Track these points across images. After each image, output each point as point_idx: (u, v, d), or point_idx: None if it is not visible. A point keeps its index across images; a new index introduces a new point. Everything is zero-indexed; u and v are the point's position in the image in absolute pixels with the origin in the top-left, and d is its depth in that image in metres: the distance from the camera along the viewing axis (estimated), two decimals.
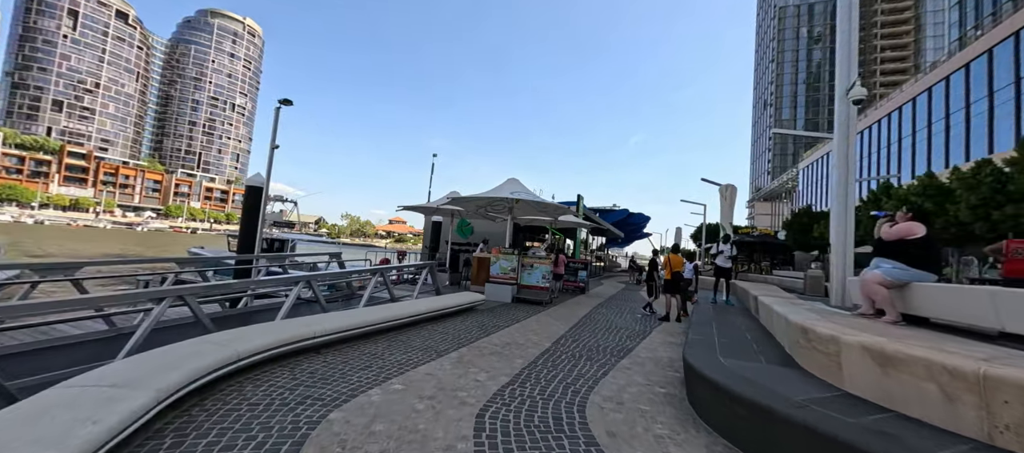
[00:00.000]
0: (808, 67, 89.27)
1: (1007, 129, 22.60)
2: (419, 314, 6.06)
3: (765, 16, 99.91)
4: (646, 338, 6.40)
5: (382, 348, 4.65)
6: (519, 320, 7.23)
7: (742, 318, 6.83)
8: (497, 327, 6.40)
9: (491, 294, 9.48)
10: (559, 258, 11.49)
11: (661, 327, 7.49)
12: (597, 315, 8.44)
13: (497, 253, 9.87)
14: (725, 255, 9.03)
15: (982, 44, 25.66)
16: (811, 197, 49.25)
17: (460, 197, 9.38)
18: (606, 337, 6.26)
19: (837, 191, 5.83)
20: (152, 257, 9.72)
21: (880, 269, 3.99)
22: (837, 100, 5.89)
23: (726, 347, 4.27)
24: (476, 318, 7.04)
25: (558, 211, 10.15)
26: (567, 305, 9.65)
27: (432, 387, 3.51)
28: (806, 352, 3.40)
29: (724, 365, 3.52)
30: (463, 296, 7.72)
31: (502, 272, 9.77)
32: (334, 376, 3.60)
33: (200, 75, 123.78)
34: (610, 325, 7.39)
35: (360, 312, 5.24)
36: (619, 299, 12.08)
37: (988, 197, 11.45)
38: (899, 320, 3.87)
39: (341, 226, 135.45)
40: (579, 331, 6.58)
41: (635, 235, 33.79)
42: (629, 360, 4.95)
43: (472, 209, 11.47)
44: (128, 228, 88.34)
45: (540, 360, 4.65)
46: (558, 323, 7.20)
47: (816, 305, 5.59)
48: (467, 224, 18.83)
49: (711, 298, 9.12)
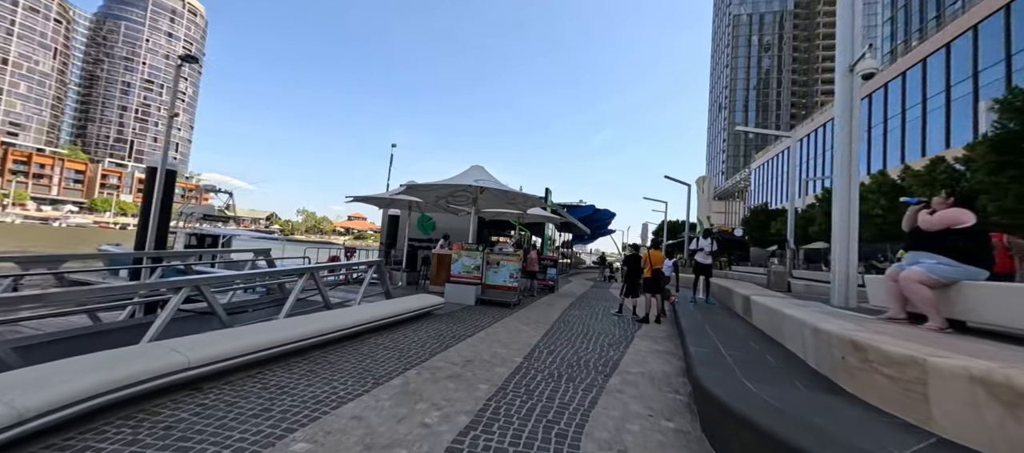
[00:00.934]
0: (759, 73, 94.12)
1: (938, 131, 24.26)
2: (360, 324, 4.88)
3: (721, 23, 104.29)
4: (629, 346, 5.56)
5: (299, 376, 3.46)
6: (484, 326, 6.19)
7: (732, 320, 6.16)
8: (458, 337, 5.33)
9: (452, 296, 8.37)
10: (531, 255, 10.55)
11: (642, 331, 6.71)
12: (571, 318, 7.56)
13: (459, 249, 8.77)
14: (705, 251, 8.43)
15: (914, 56, 27.50)
16: (762, 196, 51.61)
17: (417, 185, 8.20)
18: (585, 345, 5.36)
19: (839, 177, 5.24)
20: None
21: (922, 266, 3.30)
22: (838, 78, 5.30)
23: (742, 364, 3.45)
24: (433, 326, 5.93)
25: (527, 202, 9.20)
26: (537, 306, 8.72)
27: (356, 445, 2.40)
28: (861, 376, 2.60)
29: (756, 393, 2.66)
30: (418, 299, 6.58)
31: (465, 271, 8.69)
32: (204, 433, 2.40)
33: (132, 55, 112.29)
34: (587, 329, 6.51)
35: (275, 327, 4.00)
36: (591, 298, 11.34)
37: None
38: (946, 327, 3.20)
39: (295, 222, 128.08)
40: (554, 339, 5.64)
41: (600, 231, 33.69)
42: (618, 378, 4.04)
43: (431, 201, 10.27)
44: (43, 223, 78.57)
45: (511, 384, 3.64)
46: (529, 329, 6.23)
47: (822, 307, 4.95)
48: (428, 218, 17.50)
49: (690, 297, 8.51)
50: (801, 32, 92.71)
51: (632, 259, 7.98)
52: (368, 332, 5.13)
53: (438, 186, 8.22)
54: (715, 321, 5.97)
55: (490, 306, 8.21)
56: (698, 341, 4.33)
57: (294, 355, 3.96)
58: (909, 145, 26.80)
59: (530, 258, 10.38)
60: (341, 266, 7.82)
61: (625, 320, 7.64)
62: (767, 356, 3.76)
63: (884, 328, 3.16)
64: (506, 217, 13.38)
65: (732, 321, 6.04)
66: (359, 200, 11.01)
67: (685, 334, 4.85)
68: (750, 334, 4.95)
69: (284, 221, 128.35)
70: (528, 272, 10.38)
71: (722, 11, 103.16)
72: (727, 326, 5.52)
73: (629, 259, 8.03)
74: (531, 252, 10.55)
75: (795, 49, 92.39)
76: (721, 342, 4.31)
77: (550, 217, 14.26)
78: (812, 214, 21.52)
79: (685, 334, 4.85)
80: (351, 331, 4.73)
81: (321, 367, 3.73)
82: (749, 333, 4.99)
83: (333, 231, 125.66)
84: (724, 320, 6.14)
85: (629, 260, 8.01)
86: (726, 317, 6.53)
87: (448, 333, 5.54)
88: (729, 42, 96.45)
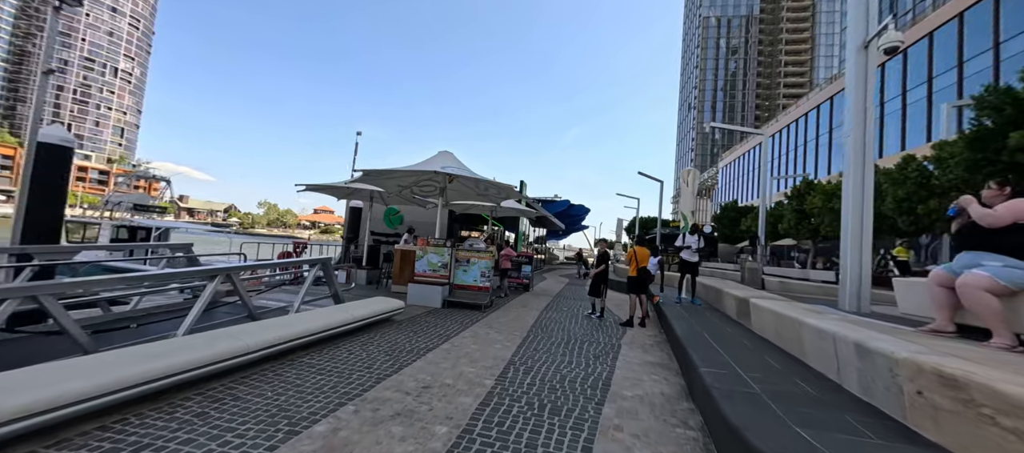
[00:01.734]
0: (726, 75, 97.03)
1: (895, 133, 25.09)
2: (290, 340, 3.88)
3: (691, 24, 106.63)
4: (618, 358, 4.83)
5: (179, 424, 2.47)
6: (449, 336, 5.31)
7: (728, 326, 5.56)
8: (416, 352, 4.42)
9: (416, 297, 7.42)
10: (505, 251, 9.71)
11: (627, 337, 6.02)
12: (548, 322, 6.78)
13: (424, 245, 7.81)
14: (692, 248, 7.84)
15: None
16: (730, 194, 52.99)
17: (375, 171, 7.13)
18: (568, 359, 4.58)
19: (851, 167, 4.68)
20: None
21: (986, 269, 2.69)
22: (851, 53, 4.73)
23: (774, 394, 2.74)
24: (388, 336, 4.98)
25: (501, 193, 8.33)
26: (511, 308, 7.90)
27: None
28: (958, 424, 1.91)
29: (815, 447, 1.93)
30: (373, 304, 5.60)
31: (431, 269, 7.74)
32: None
33: (69, 30, 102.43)
34: (568, 336, 5.75)
35: (159, 351, 2.95)
36: (568, 297, 10.64)
37: (913, 192, 11.85)
38: (1017, 345, 2.60)
39: (256, 215, 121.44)
40: (531, 351, 4.83)
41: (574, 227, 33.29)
42: (612, 406, 3.27)
43: (394, 191, 9.21)
44: None
45: (479, 423, 2.78)
46: (502, 338, 5.39)
47: (836, 313, 4.37)
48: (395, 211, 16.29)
49: (676, 298, 7.92)
50: (766, 37, 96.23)
51: (603, 256, 7.23)
52: (304, 348, 4.14)
53: (399, 173, 7.20)
54: (711, 327, 5.33)
55: (459, 309, 7.32)
56: (705, 358, 3.62)
57: (189, 387, 2.94)
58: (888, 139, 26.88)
59: (504, 254, 9.54)
60: (273, 265, 6.64)
61: (607, 324, 6.95)
62: (795, 379, 3.08)
63: (953, 347, 2.53)
64: (478, 210, 12.48)
65: (729, 327, 5.43)
66: (313, 189, 9.79)
67: (685, 346, 4.14)
68: (757, 345, 4.31)
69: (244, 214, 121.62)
70: (502, 271, 9.54)
71: (693, 12, 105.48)
72: (726, 334, 4.88)
73: (601, 256, 7.27)
74: (505, 248, 9.70)
75: (760, 53, 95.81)
76: (733, 358, 3.63)
77: (525, 210, 13.46)
78: (780, 211, 21.78)
79: (685, 346, 4.14)
80: (278, 349, 3.73)
81: (220, 406, 2.74)
82: (756, 344, 4.35)
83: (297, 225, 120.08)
84: (719, 326, 5.52)
85: (601, 257, 7.25)
86: (720, 322, 5.93)
87: (405, 346, 4.61)
88: (698, 43, 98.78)
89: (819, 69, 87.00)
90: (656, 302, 7.72)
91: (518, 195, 8.38)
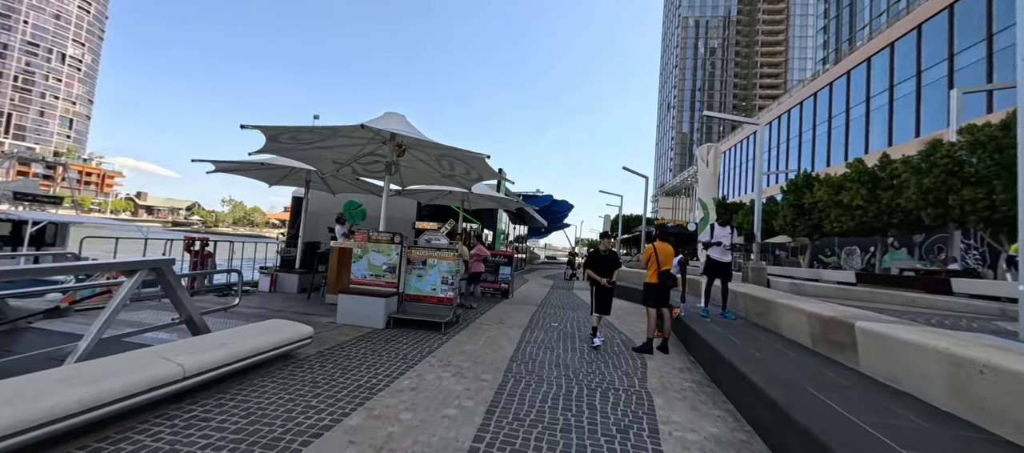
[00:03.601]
0: (705, 76, 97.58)
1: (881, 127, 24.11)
2: (52, 420, 1.70)
3: (670, 24, 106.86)
4: (656, 423, 2.86)
5: None
6: (380, 386, 3.22)
7: (808, 358, 3.67)
8: (303, 431, 2.30)
9: (347, 314, 5.28)
10: (476, 249, 7.62)
11: (653, 375, 4.06)
12: (534, 351, 4.74)
13: (363, 241, 5.65)
14: (724, 245, 5.85)
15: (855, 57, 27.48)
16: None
17: (283, 130, 4.80)
18: (572, 439, 2.57)
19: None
20: None
21: None
22: None
23: None
24: (268, 393, 2.84)
25: (472, 171, 6.22)
26: (482, 326, 5.82)
27: None
28: None
29: None
30: (258, 333, 3.45)
31: (372, 273, 5.60)
32: None
33: (8, 11, 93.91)
34: (566, 380, 3.74)
35: None
36: (556, 305, 8.64)
37: (942, 180, 10.52)
38: None
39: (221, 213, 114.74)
40: (512, 417, 2.79)
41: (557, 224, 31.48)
42: None
43: (329, 169, 6.97)
44: None
45: None
46: (464, 388, 3.32)
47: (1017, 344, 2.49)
48: (357, 205, 13.84)
49: (702, 310, 5.94)
50: (743, 38, 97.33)
51: (595, 257, 5.21)
52: (96, 428, 1.98)
53: (320, 130, 4.93)
54: (787, 363, 3.43)
55: (410, 329, 5.21)
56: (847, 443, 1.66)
57: None
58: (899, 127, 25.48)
59: (475, 254, 7.44)
60: (73, 268, 4.17)
61: (611, 349, 4.99)
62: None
63: None
64: (447, 200, 10.35)
65: (822, 365, 3.53)
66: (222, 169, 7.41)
67: (786, 411, 2.20)
68: (906, 405, 2.40)
69: (208, 212, 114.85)
70: (472, 275, 7.43)
71: (672, 13, 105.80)
72: (827, 379, 2.98)
73: (613, 260, 5.20)
74: (476, 245, 7.60)
75: (737, 55, 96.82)
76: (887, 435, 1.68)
77: (505, 200, 11.42)
78: (775, 208, 20.46)
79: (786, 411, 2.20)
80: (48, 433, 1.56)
81: None
82: (904, 404, 2.45)
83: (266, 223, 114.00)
84: (801, 361, 3.63)
85: (612, 262, 5.18)
86: (787, 349, 4.04)
87: (288, 419, 2.49)
88: (678, 43, 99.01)
89: (793, 71, 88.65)
90: (677, 315, 5.81)
91: (493, 173, 6.30)
